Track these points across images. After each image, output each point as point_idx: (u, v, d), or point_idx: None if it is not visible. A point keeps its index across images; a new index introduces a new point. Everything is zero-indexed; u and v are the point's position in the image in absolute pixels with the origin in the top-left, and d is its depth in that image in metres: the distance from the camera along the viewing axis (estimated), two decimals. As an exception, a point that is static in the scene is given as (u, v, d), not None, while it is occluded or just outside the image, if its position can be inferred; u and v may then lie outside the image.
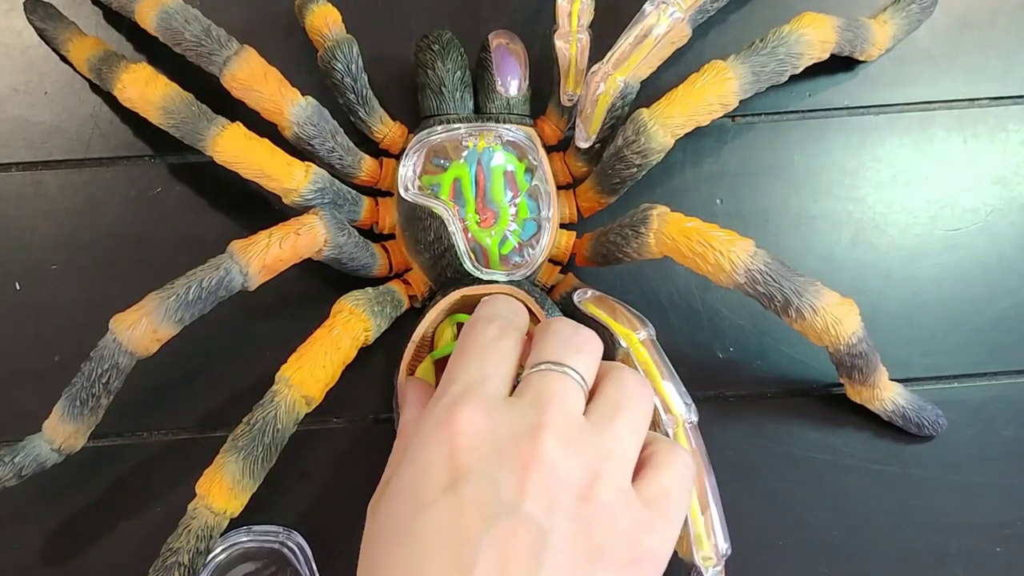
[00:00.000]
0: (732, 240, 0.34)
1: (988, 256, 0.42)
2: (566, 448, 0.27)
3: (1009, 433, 0.40)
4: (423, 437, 0.28)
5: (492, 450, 0.27)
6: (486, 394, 0.28)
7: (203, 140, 0.36)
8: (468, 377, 0.29)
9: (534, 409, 0.28)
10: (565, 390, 0.29)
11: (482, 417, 0.28)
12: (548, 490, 0.26)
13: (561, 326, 0.31)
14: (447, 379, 0.30)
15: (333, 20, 0.39)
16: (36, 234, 0.41)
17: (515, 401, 0.29)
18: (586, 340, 0.31)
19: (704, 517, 0.33)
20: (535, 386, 0.29)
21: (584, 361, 0.30)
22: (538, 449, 0.27)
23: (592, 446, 0.28)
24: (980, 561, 0.38)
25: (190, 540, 0.33)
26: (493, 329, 0.31)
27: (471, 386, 0.29)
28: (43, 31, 0.42)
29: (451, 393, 0.29)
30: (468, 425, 0.27)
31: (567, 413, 0.28)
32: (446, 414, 0.28)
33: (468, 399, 0.28)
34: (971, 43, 0.44)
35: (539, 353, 0.30)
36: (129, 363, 0.34)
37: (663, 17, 0.37)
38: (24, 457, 0.35)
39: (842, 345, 0.35)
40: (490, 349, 0.30)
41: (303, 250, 0.36)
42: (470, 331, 0.31)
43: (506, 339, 0.31)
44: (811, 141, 0.43)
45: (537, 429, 0.27)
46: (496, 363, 0.30)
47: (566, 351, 0.30)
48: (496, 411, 0.28)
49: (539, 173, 0.39)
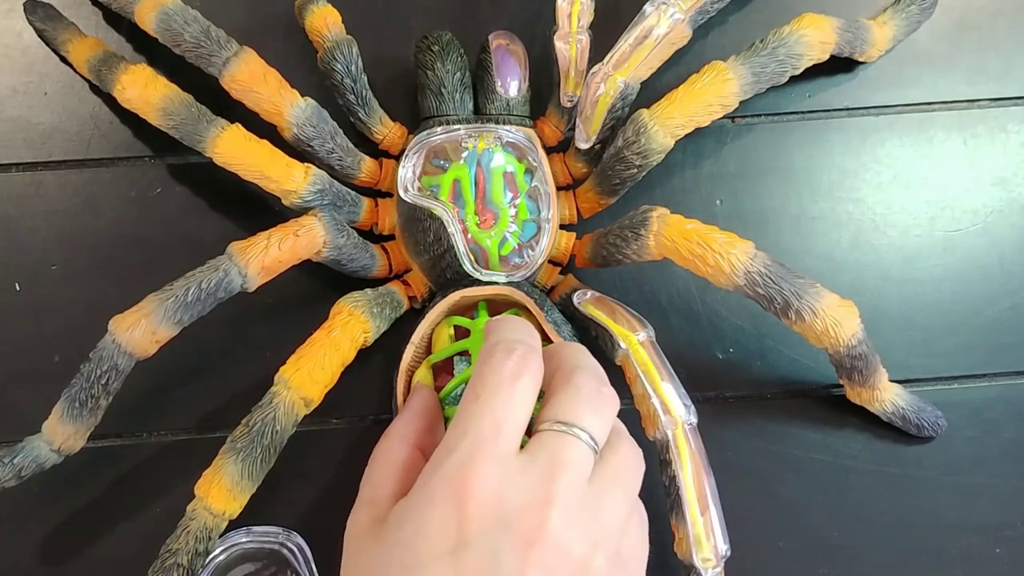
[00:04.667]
0: (732, 242, 0.34)
1: (988, 257, 0.42)
2: (570, 524, 0.27)
3: (1009, 434, 0.40)
4: (429, 492, 0.28)
5: (498, 519, 0.27)
6: (497, 455, 0.28)
7: (202, 141, 0.36)
8: (482, 430, 0.28)
9: (545, 478, 0.27)
10: (578, 459, 0.28)
11: (492, 482, 0.27)
12: (549, 566, 0.26)
13: (585, 380, 0.30)
14: (461, 422, 0.28)
15: (333, 21, 0.39)
16: (36, 235, 0.41)
17: (526, 464, 0.28)
18: (606, 402, 0.30)
19: (703, 518, 0.33)
20: (549, 449, 0.28)
21: (601, 425, 0.29)
22: (545, 525, 0.26)
23: (593, 519, 0.28)
24: (980, 562, 0.38)
25: (189, 541, 0.33)
26: (511, 364, 0.29)
27: (484, 443, 0.28)
28: (43, 32, 0.42)
29: (463, 448, 0.28)
30: (477, 490, 0.27)
31: (575, 484, 0.28)
32: (459, 474, 0.27)
33: (480, 460, 0.27)
34: (971, 44, 0.44)
35: (558, 409, 0.29)
36: (128, 364, 0.34)
37: (663, 18, 0.37)
38: (23, 458, 0.35)
39: (842, 347, 0.35)
40: (506, 392, 0.28)
41: (302, 251, 0.36)
42: (488, 362, 0.29)
43: (524, 375, 0.29)
44: (811, 142, 0.43)
45: (546, 503, 0.27)
46: (513, 408, 0.28)
47: (585, 412, 0.29)
48: (506, 475, 0.27)
49: (539, 174, 0.39)
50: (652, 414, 0.34)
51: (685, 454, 0.34)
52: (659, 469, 0.34)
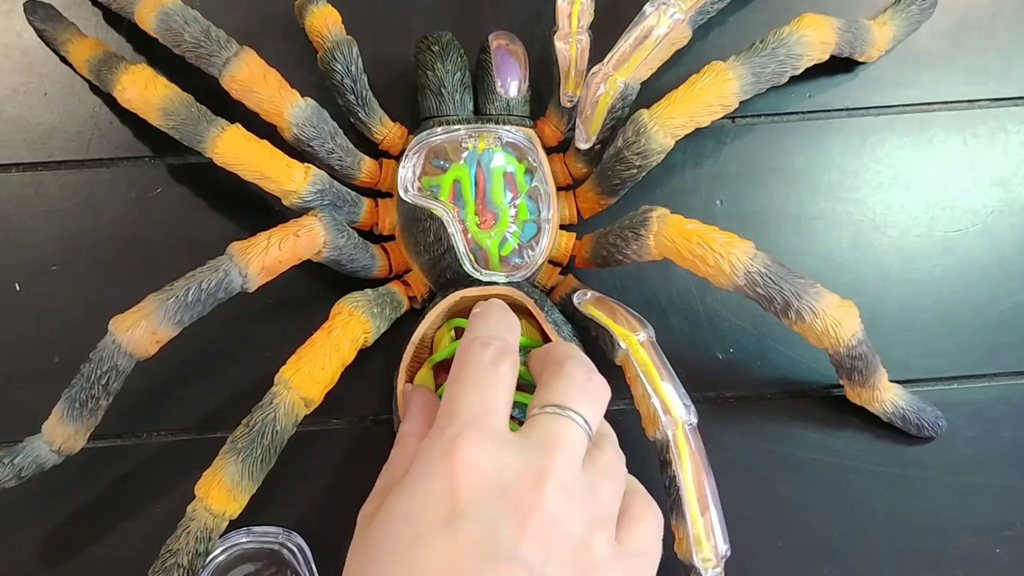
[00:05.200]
0: (732, 242, 0.34)
1: (988, 257, 0.42)
2: (567, 498, 0.27)
3: (1009, 434, 0.40)
4: (426, 465, 0.28)
5: (494, 491, 0.27)
6: (491, 429, 0.28)
7: (203, 142, 0.36)
8: (471, 408, 0.29)
9: (540, 454, 0.28)
10: (572, 438, 0.28)
11: (487, 455, 0.27)
12: (546, 539, 0.26)
13: (575, 369, 0.30)
14: (449, 406, 0.29)
15: (333, 21, 0.39)
16: (36, 235, 0.41)
17: (521, 441, 0.28)
18: (598, 387, 0.30)
19: (704, 519, 0.33)
20: (543, 429, 0.29)
21: (594, 410, 0.30)
22: (541, 497, 0.27)
23: (591, 498, 0.28)
24: (980, 562, 0.38)
25: (189, 542, 0.33)
26: (490, 353, 0.30)
27: (475, 419, 0.28)
28: (43, 32, 0.42)
29: (456, 424, 0.28)
30: (472, 461, 0.27)
31: (571, 462, 0.28)
32: (450, 446, 0.28)
33: (473, 433, 0.28)
34: (971, 44, 0.44)
35: (550, 393, 0.30)
36: (128, 364, 0.34)
37: (663, 18, 0.37)
38: (24, 458, 0.35)
39: (842, 347, 0.35)
40: (488, 376, 0.30)
41: (302, 252, 0.36)
42: (466, 354, 0.31)
43: (503, 363, 0.30)
44: (811, 142, 0.43)
45: (542, 476, 0.27)
46: (496, 391, 0.29)
47: (578, 396, 0.29)
48: (500, 448, 0.28)
49: (539, 174, 0.39)
50: (652, 414, 0.34)
51: (685, 454, 0.34)
52: (659, 469, 0.34)
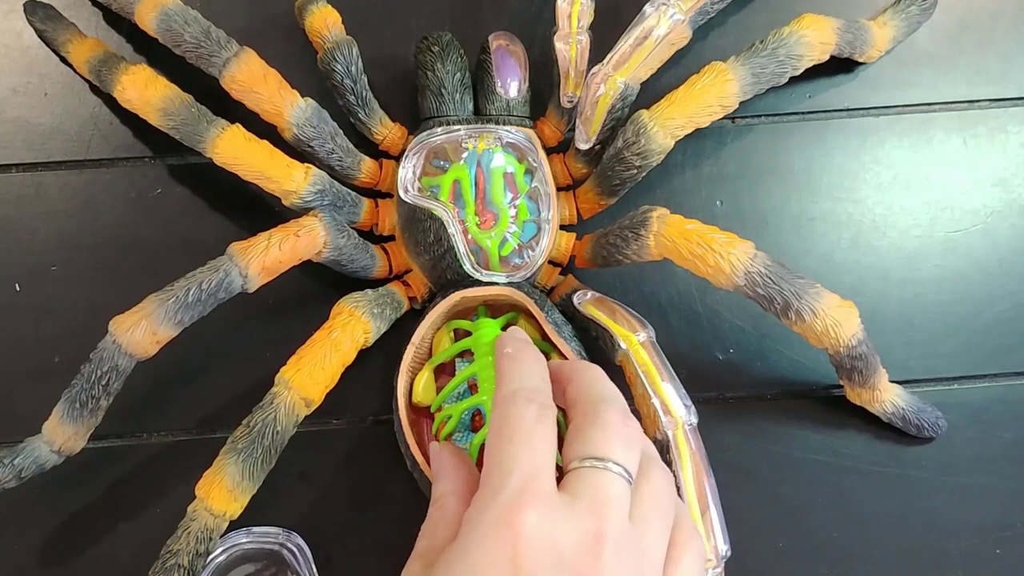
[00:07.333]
0: (732, 242, 0.34)
1: (988, 258, 0.42)
2: (621, 561, 0.27)
3: (1009, 435, 0.40)
4: (481, 533, 0.27)
5: (553, 561, 0.27)
6: (544, 493, 0.28)
7: (203, 142, 0.36)
8: (522, 471, 0.28)
9: (592, 518, 0.27)
10: (619, 495, 0.28)
11: (543, 521, 0.27)
12: None
13: (610, 415, 0.30)
14: (498, 467, 0.29)
15: (333, 22, 0.39)
16: (36, 235, 0.41)
17: (572, 503, 0.28)
18: (634, 433, 0.30)
19: (704, 519, 0.33)
20: (591, 487, 0.28)
21: (634, 457, 0.29)
22: (599, 564, 0.27)
23: (641, 554, 0.28)
24: (980, 563, 0.38)
25: (190, 542, 0.33)
26: (533, 410, 0.29)
27: (527, 482, 0.28)
28: (43, 32, 0.42)
29: (509, 488, 0.28)
30: (528, 529, 0.27)
31: (620, 519, 0.28)
32: (509, 514, 0.27)
33: (529, 498, 0.27)
34: (971, 45, 0.44)
35: (589, 444, 0.29)
36: (128, 365, 0.34)
37: (663, 19, 0.37)
38: (24, 459, 0.35)
39: (842, 347, 0.35)
40: (536, 435, 0.29)
41: (302, 252, 0.36)
42: (509, 409, 0.30)
43: (547, 420, 0.29)
44: (811, 143, 0.43)
45: (598, 540, 0.27)
46: (543, 451, 0.29)
47: (617, 445, 0.29)
48: (554, 514, 0.27)
49: (539, 175, 0.39)
50: (652, 414, 0.34)
51: (685, 454, 0.34)
52: (659, 469, 0.34)
